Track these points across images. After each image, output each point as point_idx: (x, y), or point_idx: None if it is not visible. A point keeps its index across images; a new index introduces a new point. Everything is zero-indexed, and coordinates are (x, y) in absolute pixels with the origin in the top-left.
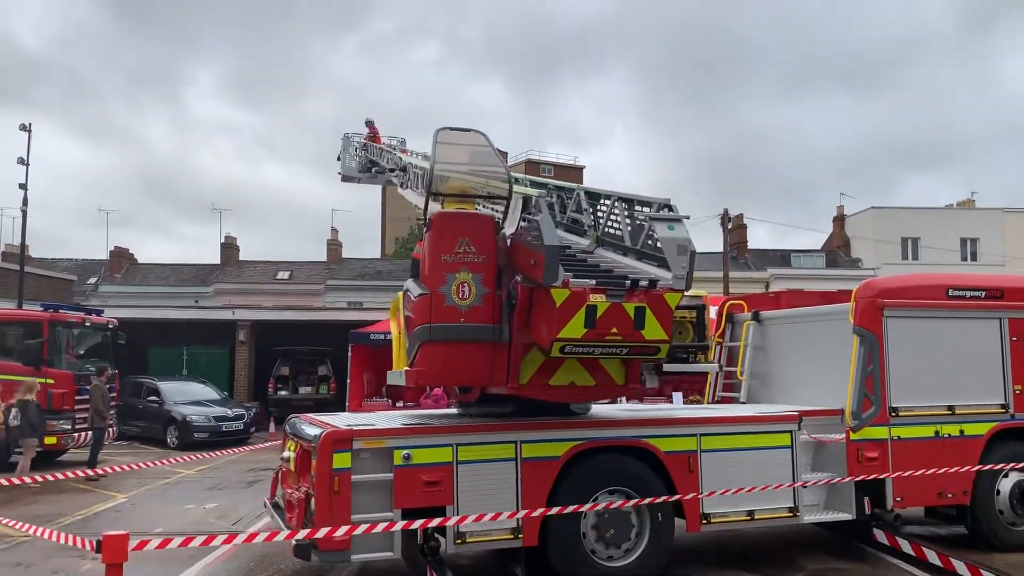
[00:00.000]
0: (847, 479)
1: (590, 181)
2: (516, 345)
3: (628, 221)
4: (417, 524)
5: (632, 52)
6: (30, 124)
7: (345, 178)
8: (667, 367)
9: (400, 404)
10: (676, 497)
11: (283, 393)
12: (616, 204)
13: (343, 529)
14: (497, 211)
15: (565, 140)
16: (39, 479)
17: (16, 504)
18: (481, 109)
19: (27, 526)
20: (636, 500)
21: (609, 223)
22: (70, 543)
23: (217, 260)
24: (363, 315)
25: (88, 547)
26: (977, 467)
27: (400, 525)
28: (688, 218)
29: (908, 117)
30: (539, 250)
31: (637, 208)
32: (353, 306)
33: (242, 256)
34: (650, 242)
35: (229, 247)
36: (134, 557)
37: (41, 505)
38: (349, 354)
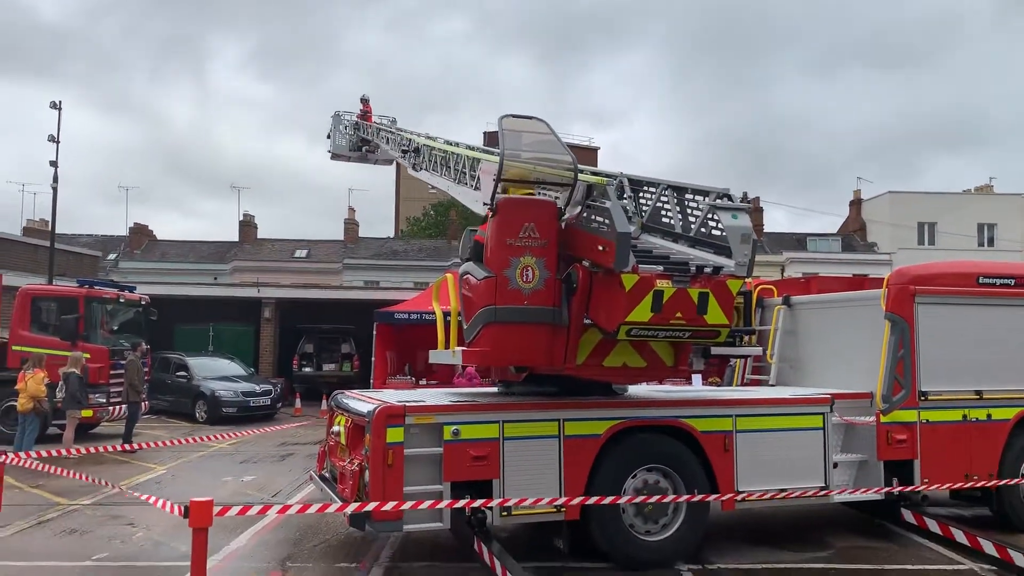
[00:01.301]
0: (876, 460)
1: (606, 162)
2: (574, 327)
3: (678, 208)
4: (463, 503)
5: (662, 27)
6: (60, 102)
7: (335, 156)
8: (715, 350)
9: (423, 382)
10: (725, 495)
11: (307, 370)
12: (665, 192)
13: (407, 505)
14: (558, 197)
15: (588, 118)
16: (78, 451)
17: (60, 475)
18: (504, 85)
19: (123, 485)
20: (691, 496)
21: (661, 211)
22: (158, 505)
23: (235, 237)
24: (381, 294)
25: (177, 512)
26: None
27: (446, 503)
28: (750, 207)
29: (938, 99)
30: (610, 237)
31: (688, 196)
32: (370, 285)
33: (260, 234)
34: (704, 229)
35: (247, 225)
36: (182, 526)
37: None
38: (374, 333)
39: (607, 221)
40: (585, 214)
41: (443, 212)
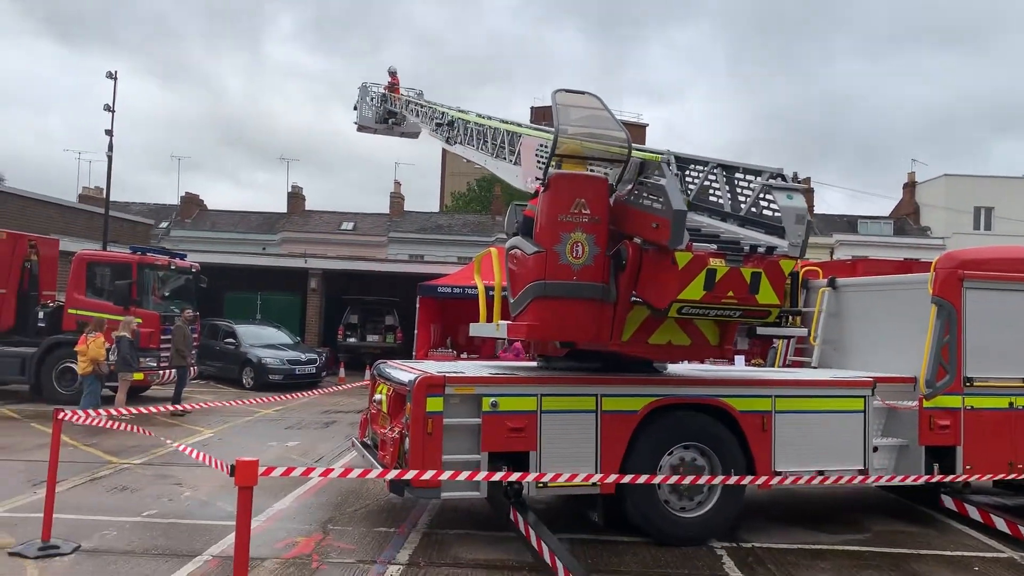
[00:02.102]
0: (918, 446)
1: (658, 139)
2: (622, 304)
3: (728, 187)
4: (498, 476)
5: (722, 3)
6: (116, 72)
7: (361, 128)
8: (760, 330)
9: (464, 355)
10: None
11: (352, 340)
12: (714, 170)
13: (445, 474)
14: (607, 173)
15: (642, 93)
16: (128, 412)
17: (112, 435)
18: (556, 59)
19: (177, 443)
20: (729, 477)
21: (709, 189)
22: (208, 463)
23: (283, 208)
24: (426, 268)
25: (223, 469)
26: None
27: (484, 474)
28: (807, 189)
29: (1000, 79)
30: (665, 215)
31: (739, 175)
32: (414, 258)
33: (308, 205)
34: (754, 209)
35: (295, 196)
36: (227, 487)
37: (135, 437)
38: (417, 305)
39: (661, 198)
40: (637, 191)
41: (487, 187)
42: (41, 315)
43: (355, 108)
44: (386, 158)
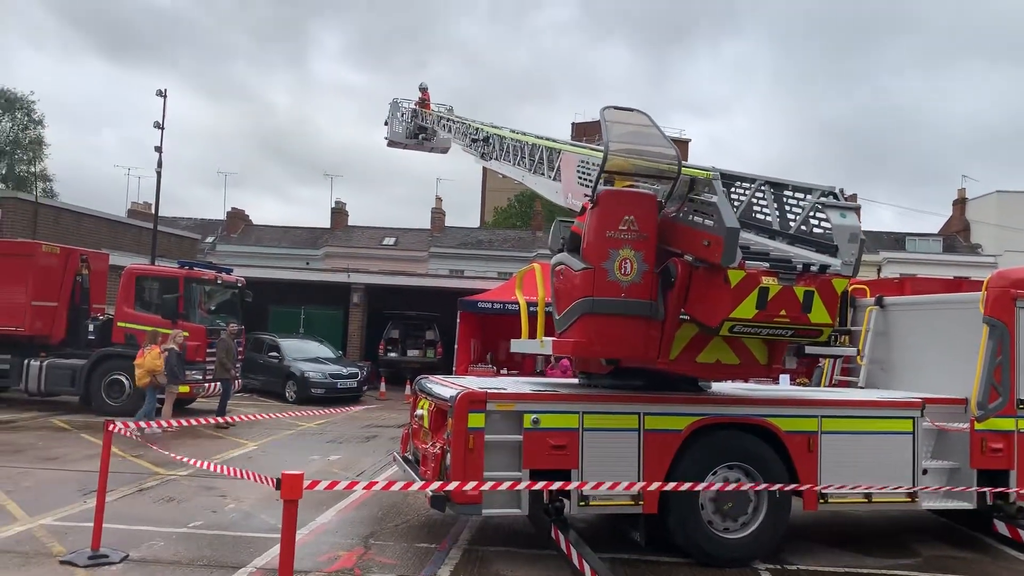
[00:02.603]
0: (969, 469)
1: (702, 154)
2: (670, 322)
3: (775, 205)
4: (540, 485)
5: (775, 11)
6: (166, 90)
7: (391, 143)
8: (809, 349)
9: (504, 371)
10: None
11: (392, 355)
12: (762, 187)
13: (486, 485)
14: (658, 190)
15: (687, 108)
16: (179, 424)
17: (158, 446)
18: (602, 75)
19: (208, 463)
20: (766, 484)
21: (754, 207)
22: (251, 479)
23: (327, 224)
24: (466, 283)
25: (269, 484)
26: None
27: (524, 484)
28: (860, 207)
29: None
30: (718, 232)
31: (787, 193)
32: (454, 274)
33: (351, 221)
34: (805, 227)
35: (339, 212)
36: (270, 500)
37: (181, 449)
38: (458, 320)
39: (713, 216)
40: (686, 208)
41: (528, 203)
42: (91, 328)
43: (386, 124)
44: (428, 173)
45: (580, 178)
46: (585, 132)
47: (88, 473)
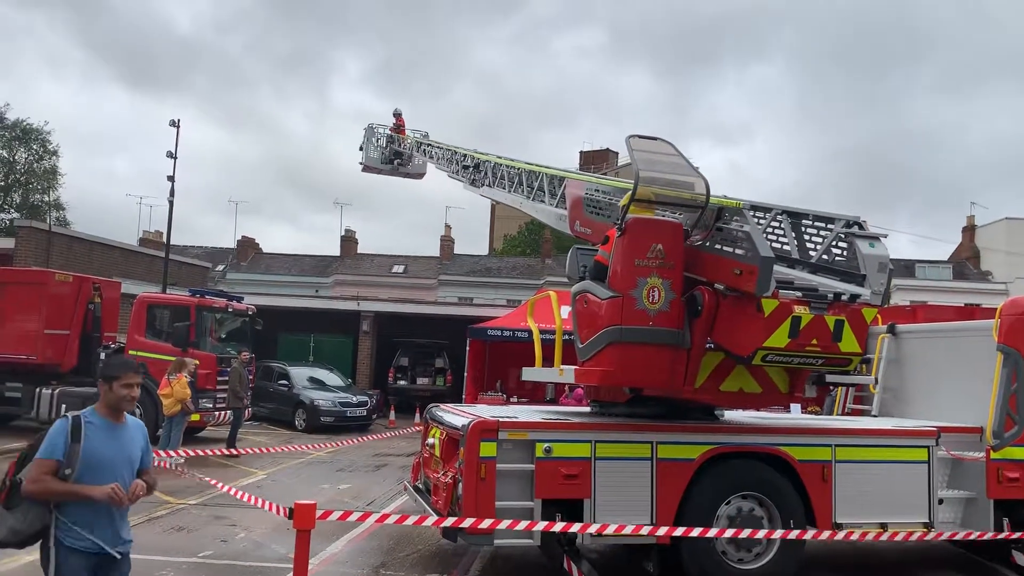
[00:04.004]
0: (986, 499)
1: (718, 181)
2: (696, 350)
3: (793, 234)
4: (558, 527)
5: (799, 37)
6: (179, 120)
7: (366, 168)
8: (829, 377)
9: (514, 399)
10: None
11: (402, 383)
12: (778, 216)
13: (503, 524)
14: (683, 218)
15: (709, 134)
16: (186, 453)
17: (168, 475)
18: (622, 102)
19: (230, 487)
20: (788, 530)
21: (770, 235)
22: (265, 507)
23: (337, 252)
24: (475, 311)
25: (281, 513)
26: None
27: (541, 525)
28: (886, 236)
29: None
30: (752, 261)
31: (806, 222)
32: (463, 301)
33: (360, 249)
34: (826, 256)
35: (348, 240)
36: (281, 530)
37: (190, 478)
38: (467, 348)
39: (747, 245)
40: (713, 237)
41: (537, 230)
42: (103, 356)
43: (360, 149)
44: (437, 201)
45: (588, 207)
46: (593, 160)
47: None
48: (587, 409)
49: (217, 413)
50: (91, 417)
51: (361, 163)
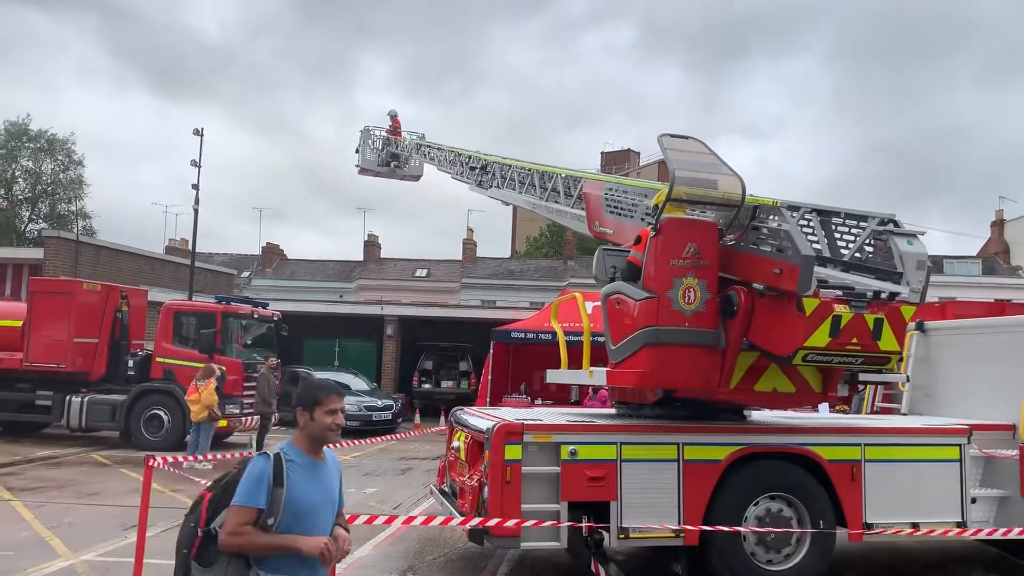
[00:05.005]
0: (1020, 497)
1: (749, 178)
2: (731, 351)
3: (823, 232)
4: (584, 526)
5: (836, 29)
6: (202, 129)
7: (363, 171)
8: (862, 376)
9: (538, 402)
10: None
11: (426, 386)
12: (807, 215)
13: (528, 522)
14: (716, 217)
15: (738, 131)
16: (214, 458)
17: (198, 481)
18: (655, 97)
19: None
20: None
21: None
22: None
23: (360, 256)
24: (498, 313)
25: None
26: None
27: (565, 524)
28: (924, 233)
29: None
30: (793, 260)
31: (837, 220)
32: (486, 304)
33: (383, 253)
34: (859, 254)
35: (371, 245)
36: None
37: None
38: (491, 351)
39: (787, 244)
40: (749, 236)
41: (559, 232)
42: (131, 363)
43: (357, 151)
44: (460, 204)
45: (608, 207)
46: (614, 161)
47: (128, 508)
48: (612, 411)
49: (244, 419)
50: (292, 454)
51: (357, 165)
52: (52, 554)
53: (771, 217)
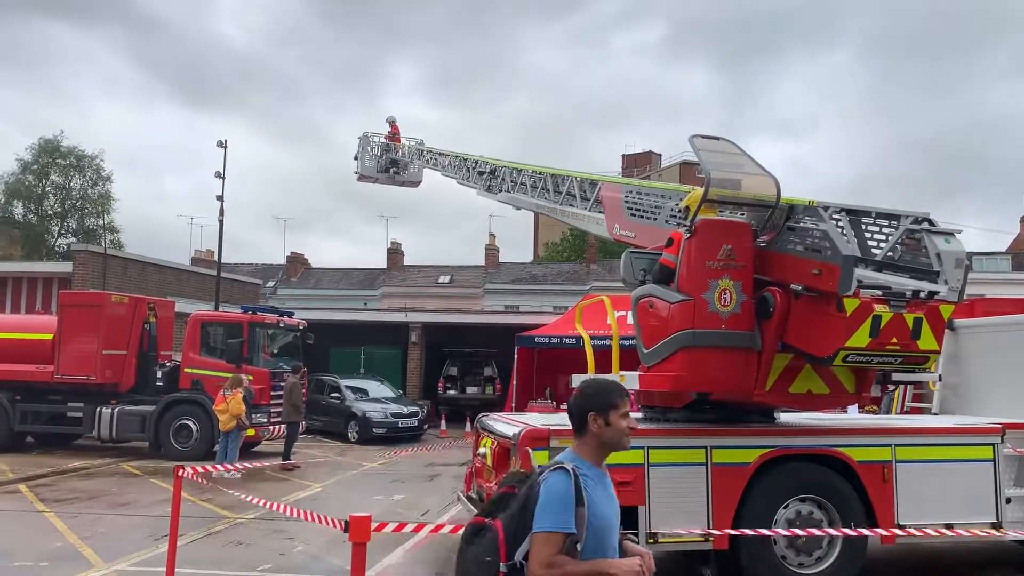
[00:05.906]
0: None
1: (787, 175)
2: (767, 352)
3: (853, 232)
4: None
5: (864, 27)
6: (226, 141)
7: (362, 178)
8: (896, 375)
9: (563, 407)
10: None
11: (451, 392)
12: (835, 214)
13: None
14: (750, 217)
15: (768, 129)
16: (244, 467)
17: (225, 490)
18: (682, 96)
19: (278, 505)
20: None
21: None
22: (318, 521)
23: (383, 264)
24: (521, 319)
25: (337, 527)
26: None
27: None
28: (961, 232)
29: None
30: (833, 260)
31: (867, 220)
32: (510, 309)
33: (407, 260)
34: (892, 253)
35: (395, 252)
36: (337, 542)
37: (248, 491)
38: (515, 356)
39: (826, 244)
40: (785, 236)
41: (581, 236)
42: (159, 374)
43: (356, 158)
44: (480, 210)
45: (628, 209)
46: (635, 163)
47: (159, 518)
48: (638, 415)
49: (272, 427)
50: (583, 467)
51: (356, 172)
52: (86, 564)
53: (807, 217)
